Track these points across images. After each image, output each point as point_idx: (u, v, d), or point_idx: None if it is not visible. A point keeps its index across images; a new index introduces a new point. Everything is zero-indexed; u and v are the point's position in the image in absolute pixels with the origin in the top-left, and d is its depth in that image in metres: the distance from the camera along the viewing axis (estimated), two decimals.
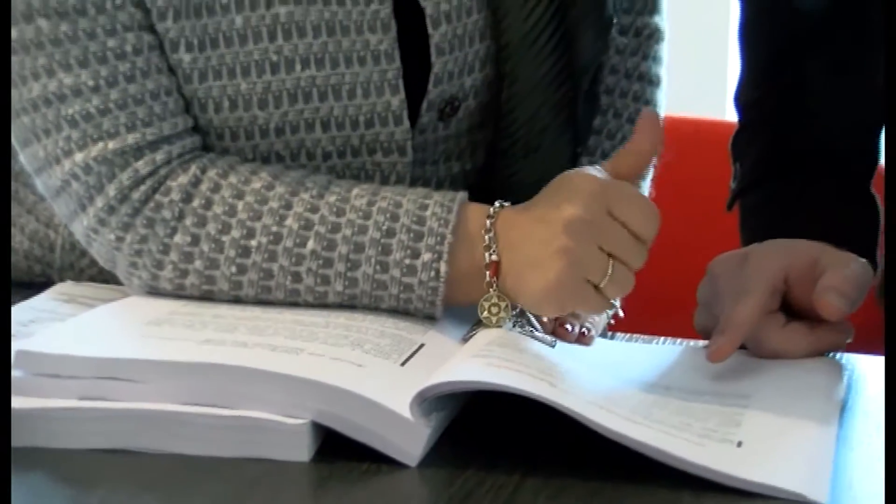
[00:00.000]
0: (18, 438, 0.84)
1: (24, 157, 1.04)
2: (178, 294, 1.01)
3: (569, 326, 1.01)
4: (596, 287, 0.94)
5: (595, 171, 0.97)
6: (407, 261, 0.97)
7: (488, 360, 0.90)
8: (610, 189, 0.95)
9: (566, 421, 0.83)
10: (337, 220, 0.98)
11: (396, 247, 0.98)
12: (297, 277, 0.99)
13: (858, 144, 1.18)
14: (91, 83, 1.00)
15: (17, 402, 0.85)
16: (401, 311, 0.99)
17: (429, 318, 0.99)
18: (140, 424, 0.85)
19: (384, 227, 0.98)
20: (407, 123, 1.05)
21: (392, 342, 0.94)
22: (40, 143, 1.01)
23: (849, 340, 1.05)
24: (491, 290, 0.97)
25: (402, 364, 0.91)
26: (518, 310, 0.98)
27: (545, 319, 1.01)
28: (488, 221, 0.97)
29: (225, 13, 1.01)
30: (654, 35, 1.19)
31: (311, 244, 0.98)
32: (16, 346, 0.89)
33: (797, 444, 0.87)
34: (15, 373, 0.87)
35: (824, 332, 1.04)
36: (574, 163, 1.13)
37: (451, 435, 0.88)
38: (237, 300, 1.00)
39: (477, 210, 0.99)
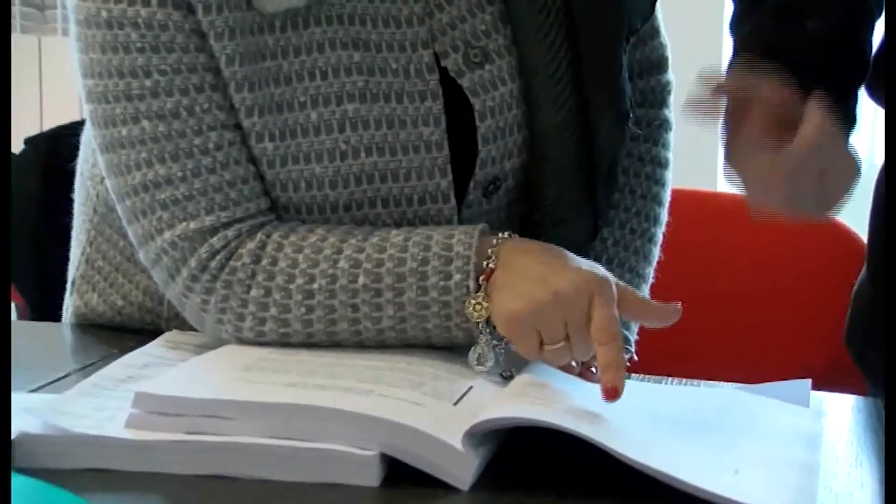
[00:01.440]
0: (139, 464, 0.86)
1: (129, 232, 1.05)
2: (260, 341, 1.01)
3: (593, 369, 1.00)
4: (540, 343, 0.95)
5: (609, 276, 0.97)
6: (441, 282, 0.98)
7: (527, 400, 0.90)
8: (605, 291, 0.95)
9: (591, 451, 0.84)
10: (380, 256, 0.99)
11: (431, 272, 0.98)
12: (355, 308, 0.99)
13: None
14: (180, 174, 1.01)
15: (135, 435, 0.87)
16: (444, 329, 0.99)
17: (468, 335, 0.98)
18: (235, 455, 0.86)
19: (419, 257, 0.98)
20: (454, 202, 1.05)
21: (446, 384, 0.95)
22: (139, 223, 1.03)
23: None
24: (481, 290, 0.97)
25: (455, 403, 0.92)
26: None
27: (573, 364, 1.00)
28: (495, 240, 0.99)
29: (302, 109, 1.02)
30: (664, 125, 1.20)
31: (361, 279, 0.99)
32: (135, 387, 0.90)
33: (787, 472, 0.87)
34: (132, 410, 0.88)
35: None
36: (595, 233, 1.14)
37: (495, 463, 0.88)
38: (310, 337, 1.00)
39: (491, 235, 1.00)
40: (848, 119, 1.05)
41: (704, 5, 2.38)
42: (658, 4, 1.15)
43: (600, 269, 0.97)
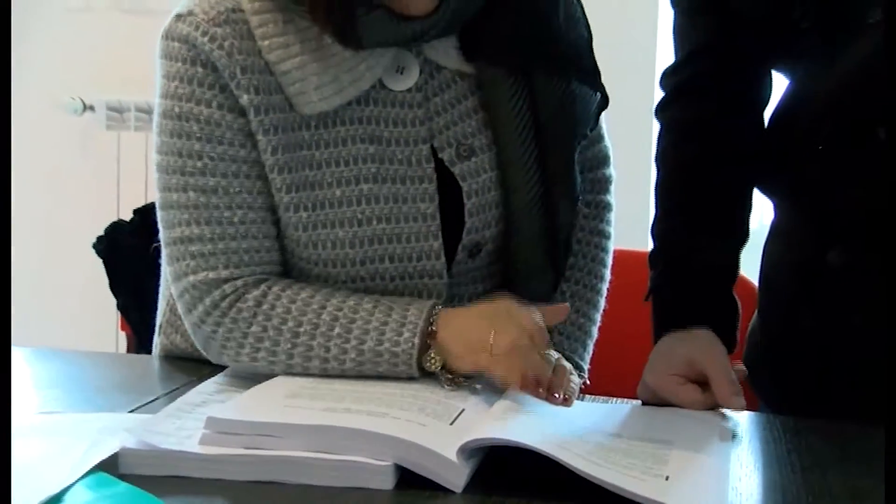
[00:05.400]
0: (209, 473, 0.81)
1: (168, 270, 1.02)
2: (252, 366, 0.98)
3: (556, 395, 0.95)
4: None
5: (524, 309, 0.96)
6: (394, 337, 0.95)
7: (505, 423, 0.86)
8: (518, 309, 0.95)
9: (555, 464, 0.79)
10: (353, 315, 0.96)
11: (388, 330, 0.95)
12: (327, 350, 0.96)
13: (725, 260, 1.10)
14: (209, 235, 0.98)
15: (206, 450, 0.82)
16: (391, 373, 0.95)
17: (410, 378, 0.95)
18: (283, 465, 0.81)
19: (381, 320, 0.95)
20: (443, 259, 1.02)
21: (444, 407, 0.90)
22: (174, 266, 1.00)
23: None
24: (431, 349, 0.94)
25: (451, 423, 0.87)
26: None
27: (540, 390, 0.95)
28: (434, 311, 0.96)
29: (329, 187, 0.99)
30: (607, 207, 1.16)
31: (336, 329, 0.96)
32: (207, 412, 0.86)
33: (705, 477, 0.82)
34: (204, 430, 0.84)
35: (711, 394, 1.00)
36: (556, 286, 1.10)
37: (483, 470, 0.83)
38: (289, 368, 0.97)
39: (436, 308, 0.97)
40: (730, 344, 1.05)
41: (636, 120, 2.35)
42: (602, 116, 1.12)
43: (507, 301, 0.96)
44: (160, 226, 1.02)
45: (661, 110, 1.13)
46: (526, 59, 1.02)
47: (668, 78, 1.14)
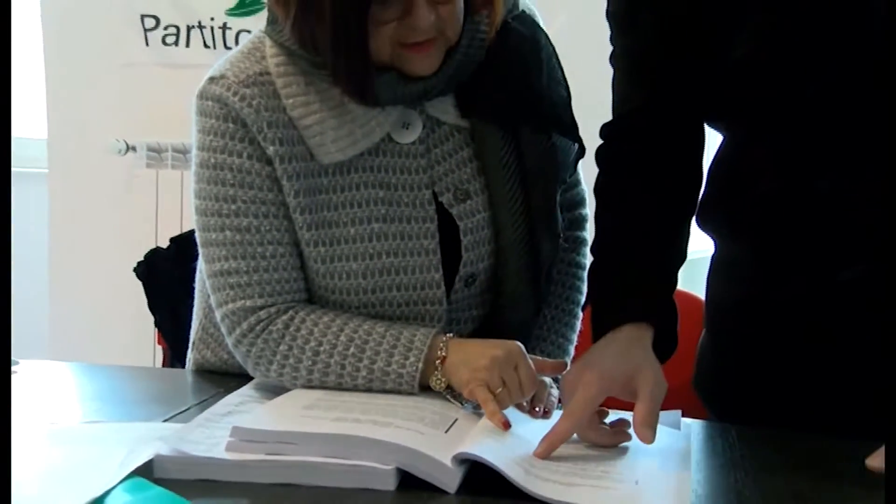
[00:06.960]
0: (234, 476, 0.80)
1: (211, 299, 1.02)
2: (279, 380, 0.98)
3: (538, 409, 0.95)
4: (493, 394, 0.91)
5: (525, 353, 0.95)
6: (401, 360, 0.95)
7: (491, 438, 0.85)
8: (524, 359, 0.93)
9: None
10: (367, 337, 0.96)
11: (397, 353, 0.95)
12: (342, 367, 0.96)
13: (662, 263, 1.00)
14: (244, 268, 0.98)
15: (232, 456, 0.81)
16: (395, 391, 0.95)
17: (410, 395, 0.94)
18: (299, 469, 0.80)
19: (391, 343, 0.96)
20: (443, 288, 1.01)
21: (440, 417, 0.89)
22: (215, 295, 1.00)
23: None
24: (438, 371, 0.94)
25: (446, 432, 0.86)
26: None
27: (524, 403, 0.95)
28: (445, 338, 0.96)
29: (344, 226, 0.99)
30: (582, 242, 1.15)
31: (351, 349, 0.96)
32: (232, 422, 0.85)
33: (670, 481, 0.82)
34: (230, 438, 0.83)
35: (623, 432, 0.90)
36: (538, 312, 1.09)
37: (475, 472, 0.82)
38: (309, 382, 0.97)
39: (441, 335, 0.97)
40: (669, 344, 0.96)
41: None
42: (580, 164, 1.11)
43: (517, 345, 0.95)
44: (202, 260, 1.02)
45: (603, 154, 1.05)
46: (513, 116, 1.02)
47: (609, 129, 1.06)
